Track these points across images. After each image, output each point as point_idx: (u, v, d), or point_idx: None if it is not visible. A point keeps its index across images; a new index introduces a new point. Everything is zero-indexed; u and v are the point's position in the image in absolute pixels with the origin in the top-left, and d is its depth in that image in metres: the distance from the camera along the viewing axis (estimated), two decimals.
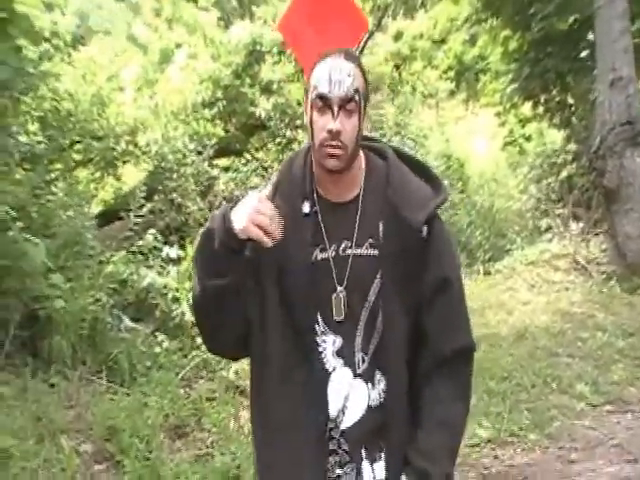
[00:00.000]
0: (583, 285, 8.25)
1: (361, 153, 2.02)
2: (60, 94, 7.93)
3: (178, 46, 11.03)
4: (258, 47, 10.77)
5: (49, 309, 5.24)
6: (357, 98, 1.89)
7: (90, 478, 4.44)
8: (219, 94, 9.73)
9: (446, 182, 10.60)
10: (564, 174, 9.68)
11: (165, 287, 6.05)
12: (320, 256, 1.97)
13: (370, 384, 1.99)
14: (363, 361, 1.99)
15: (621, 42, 9.21)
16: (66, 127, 7.72)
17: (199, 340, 5.95)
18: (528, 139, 12.56)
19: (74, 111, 7.94)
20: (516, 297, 7.92)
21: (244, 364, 5.89)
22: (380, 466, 2.00)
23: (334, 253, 1.97)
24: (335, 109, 1.87)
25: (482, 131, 14.83)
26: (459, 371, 2.02)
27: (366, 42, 13.28)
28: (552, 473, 4.82)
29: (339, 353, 1.98)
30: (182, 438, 4.99)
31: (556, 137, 11.85)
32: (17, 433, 4.45)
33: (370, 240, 1.97)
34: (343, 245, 1.97)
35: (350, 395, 1.98)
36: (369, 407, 1.99)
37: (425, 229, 1.94)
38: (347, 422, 1.99)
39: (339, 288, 1.96)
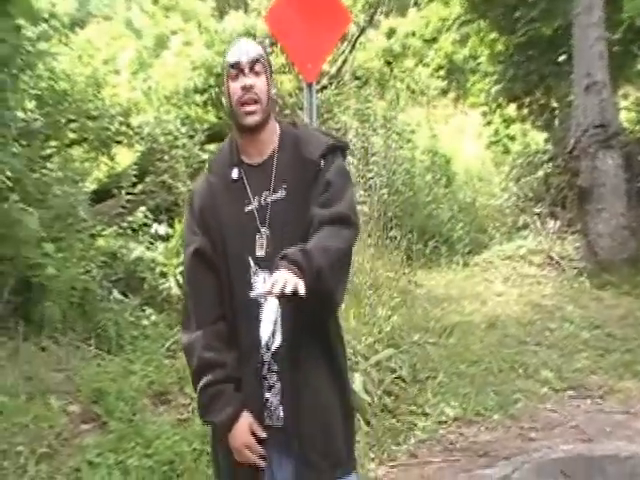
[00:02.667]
0: (555, 279, 8.57)
1: (275, 125, 2.40)
2: (57, 74, 8.12)
3: (173, 33, 11.25)
4: (252, 38, 11.01)
5: (41, 277, 5.47)
6: (262, 60, 2.31)
7: (77, 435, 4.70)
8: (211, 81, 9.94)
9: (430, 177, 10.91)
10: (541, 173, 10.00)
11: (153, 262, 6.28)
12: (247, 209, 2.33)
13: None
14: None
15: (596, 48, 9.57)
16: (62, 105, 7.91)
17: None
18: (512, 139, 12.86)
19: (70, 91, 8.12)
20: (491, 288, 8.22)
21: None
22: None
23: (257, 204, 2.33)
24: (246, 70, 2.28)
25: (470, 130, 15.10)
26: (340, 230, 2.23)
27: (357, 37, 13.50)
28: (511, 449, 5.10)
29: None
30: (165, 404, 5.22)
31: (539, 138, 12.16)
32: (9, 390, 4.70)
33: (284, 185, 2.33)
34: (264, 195, 2.34)
35: (278, 320, 2.19)
36: (288, 329, 2.23)
37: (322, 162, 2.32)
38: (275, 344, 2.23)
39: (262, 229, 2.31)
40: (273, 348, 2.23)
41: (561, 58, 11.49)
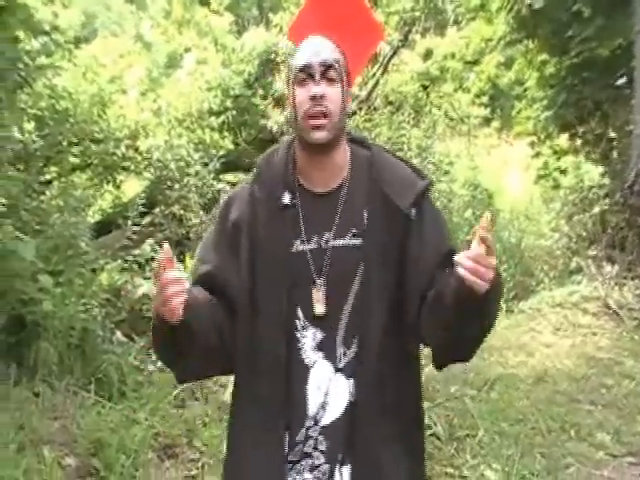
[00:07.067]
0: (613, 330, 8.51)
1: (346, 145, 2.20)
2: (58, 92, 8.25)
3: (187, 50, 11.46)
4: (273, 56, 11.16)
5: (37, 314, 5.51)
6: (337, 67, 2.08)
7: None
8: (228, 103, 10.09)
9: (470, 213, 10.93)
10: (596, 211, 10.00)
11: None
12: (299, 248, 2.11)
13: (352, 379, 2.09)
14: (345, 355, 2.10)
15: None
16: (63, 127, 8.04)
17: None
18: (564, 172, 12.83)
19: (72, 111, 8.26)
20: (538, 339, 8.18)
21: None
22: (347, 469, 2.09)
23: (315, 245, 2.11)
24: (317, 76, 2.05)
25: (516, 162, 15.11)
26: None
27: (391, 58, 13.68)
28: None
29: (319, 347, 2.10)
30: (172, 458, 5.23)
31: (594, 172, 12.15)
32: None
33: (353, 230, 2.11)
34: (325, 237, 2.11)
35: (330, 390, 2.08)
36: (350, 403, 2.10)
37: (413, 211, 2.11)
38: (327, 419, 2.09)
39: (318, 281, 2.10)
40: (322, 423, 2.09)
41: (620, 81, 11.46)
